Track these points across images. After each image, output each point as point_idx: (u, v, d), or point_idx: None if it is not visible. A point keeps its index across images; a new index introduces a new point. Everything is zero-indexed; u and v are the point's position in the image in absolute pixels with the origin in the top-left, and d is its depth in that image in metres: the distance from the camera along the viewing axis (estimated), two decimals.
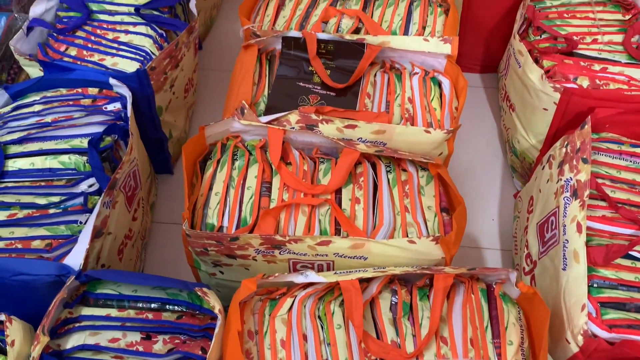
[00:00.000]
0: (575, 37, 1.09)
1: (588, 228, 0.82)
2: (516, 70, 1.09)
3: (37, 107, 0.97)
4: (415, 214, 0.84)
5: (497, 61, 1.38)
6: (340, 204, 0.86)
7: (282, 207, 0.83)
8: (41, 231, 0.82)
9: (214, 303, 0.72)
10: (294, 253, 0.82)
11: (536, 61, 1.07)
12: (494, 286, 0.78)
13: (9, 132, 0.93)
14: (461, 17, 1.30)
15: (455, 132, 0.94)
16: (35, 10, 1.08)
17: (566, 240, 0.82)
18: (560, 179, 0.88)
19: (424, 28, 1.11)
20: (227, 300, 0.74)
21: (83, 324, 0.73)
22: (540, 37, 1.12)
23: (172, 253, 1.11)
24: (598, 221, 0.85)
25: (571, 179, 0.86)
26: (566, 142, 0.91)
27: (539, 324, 0.74)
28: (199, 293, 0.73)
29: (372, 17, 1.14)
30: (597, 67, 1.04)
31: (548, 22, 1.14)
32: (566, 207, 0.85)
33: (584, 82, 1.01)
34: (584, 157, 0.86)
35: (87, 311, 0.74)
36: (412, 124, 0.97)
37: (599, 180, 0.89)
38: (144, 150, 1.09)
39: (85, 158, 0.89)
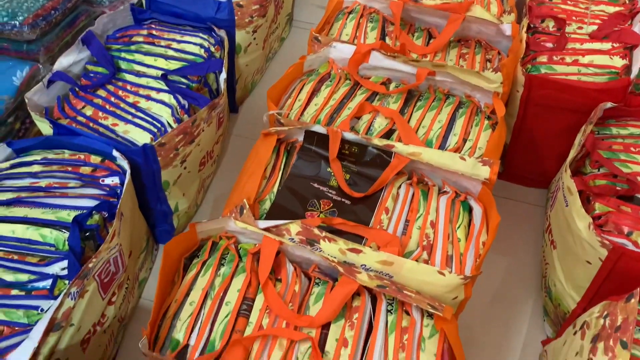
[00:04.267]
0: (639, 178, 0.95)
1: None
2: (563, 208, 0.95)
3: (35, 168, 0.92)
4: None
5: (549, 178, 1.23)
6: (324, 345, 0.75)
7: (256, 338, 0.73)
8: None
9: None
10: None
11: (587, 200, 0.93)
12: None
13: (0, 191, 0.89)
14: (514, 126, 1.18)
15: (475, 278, 0.81)
16: (62, 62, 1.05)
17: None
18: None
19: (464, 141, 0.99)
20: None
21: None
22: (598, 170, 0.98)
23: None
24: None
25: None
26: (606, 313, 0.76)
27: None
28: None
29: (410, 119, 1.03)
30: None
31: (610, 154, 1.00)
32: None
33: None
34: (624, 339, 0.71)
35: None
36: (430, 255, 0.85)
37: None
38: (142, 224, 1.02)
39: (67, 235, 0.83)
